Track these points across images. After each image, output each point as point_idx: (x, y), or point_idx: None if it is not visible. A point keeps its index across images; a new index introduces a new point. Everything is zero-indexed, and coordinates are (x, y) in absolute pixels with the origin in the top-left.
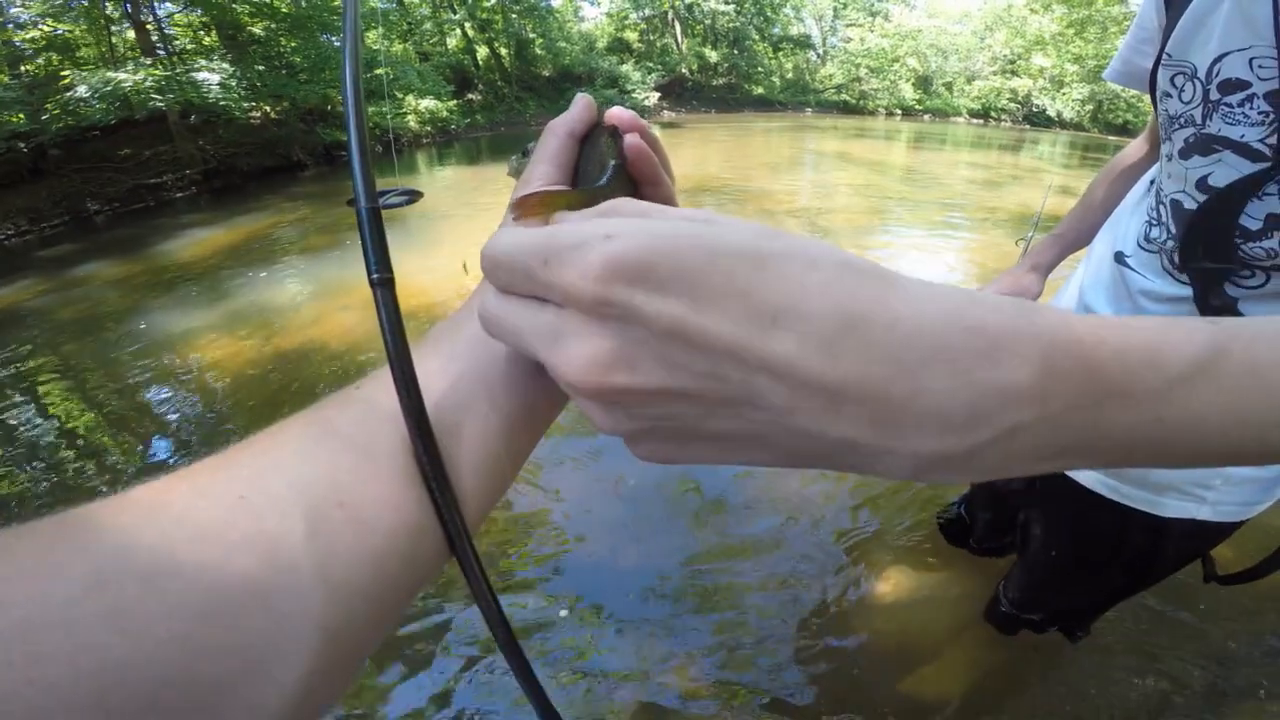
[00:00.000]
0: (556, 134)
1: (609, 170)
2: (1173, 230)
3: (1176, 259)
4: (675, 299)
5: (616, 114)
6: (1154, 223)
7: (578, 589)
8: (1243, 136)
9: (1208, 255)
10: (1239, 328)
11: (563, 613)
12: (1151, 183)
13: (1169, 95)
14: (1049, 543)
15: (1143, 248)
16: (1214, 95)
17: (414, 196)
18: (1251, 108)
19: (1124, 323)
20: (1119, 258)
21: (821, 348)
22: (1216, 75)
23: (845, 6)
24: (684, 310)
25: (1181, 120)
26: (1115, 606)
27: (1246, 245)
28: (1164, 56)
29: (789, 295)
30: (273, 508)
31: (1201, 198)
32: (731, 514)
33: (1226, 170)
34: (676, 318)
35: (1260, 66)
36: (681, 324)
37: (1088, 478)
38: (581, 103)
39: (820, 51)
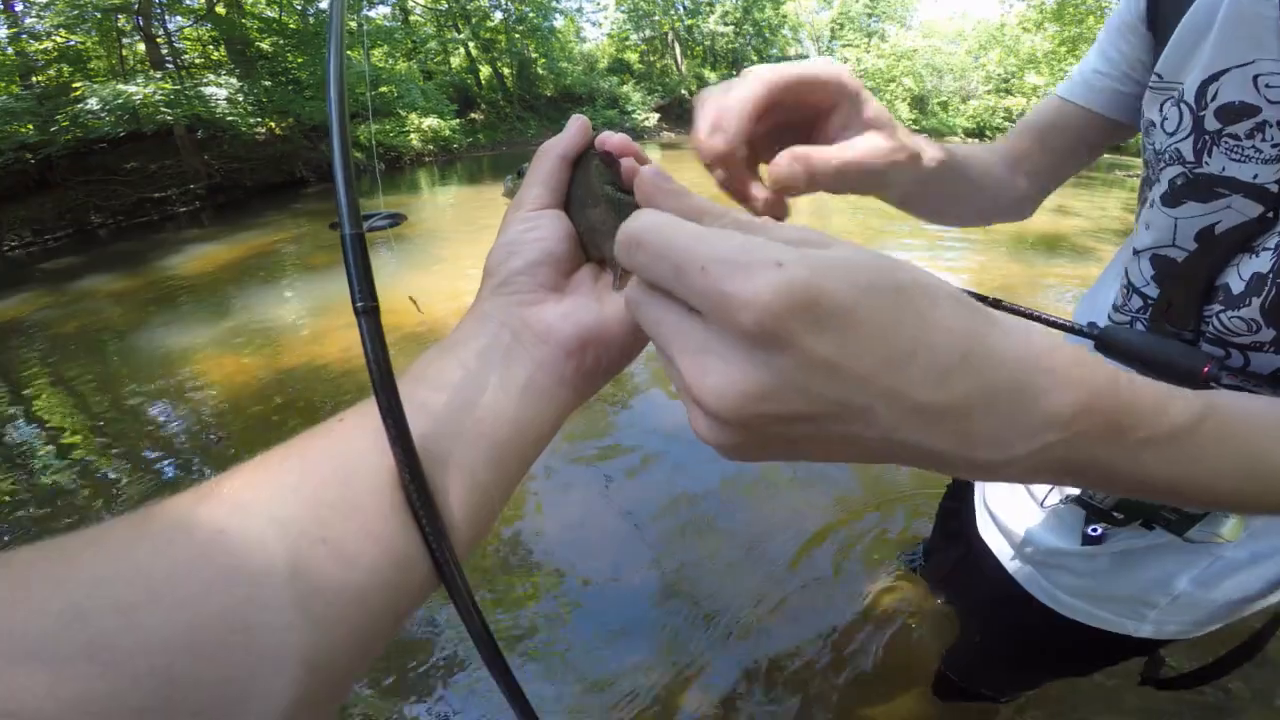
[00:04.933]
0: (549, 156)
1: (606, 196)
2: (1149, 295)
3: (1146, 326)
4: (830, 334)
5: (605, 139)
6: (1129, 287)
7: (573, 604)
8: (1256, 177)
9: (1171, 319)
10: (1223, 401)
11: (557, 631)
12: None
13: (1154, 125)
14: (974, 628)
15: (1112, 319)
16: (1211, 124)
17: (397, 220)
18: (1264, 139)
19: (1142, 383)
20: (1091, 327)
21: (938, 379)
22: (1212, 99)
23: (842, 28)
24: (836, 345)
25: (1168, 156)
26: None
27: (1225, 314)
28: (1153, 78)
29: (919, 330)
30: (253, 540)
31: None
32: (731, 526)
33: (1236, 219)
34: (829, 353)
35: (1269, 86)
36: (831, 359)
37: (1024, 576)
38: (575, 126)
39: None
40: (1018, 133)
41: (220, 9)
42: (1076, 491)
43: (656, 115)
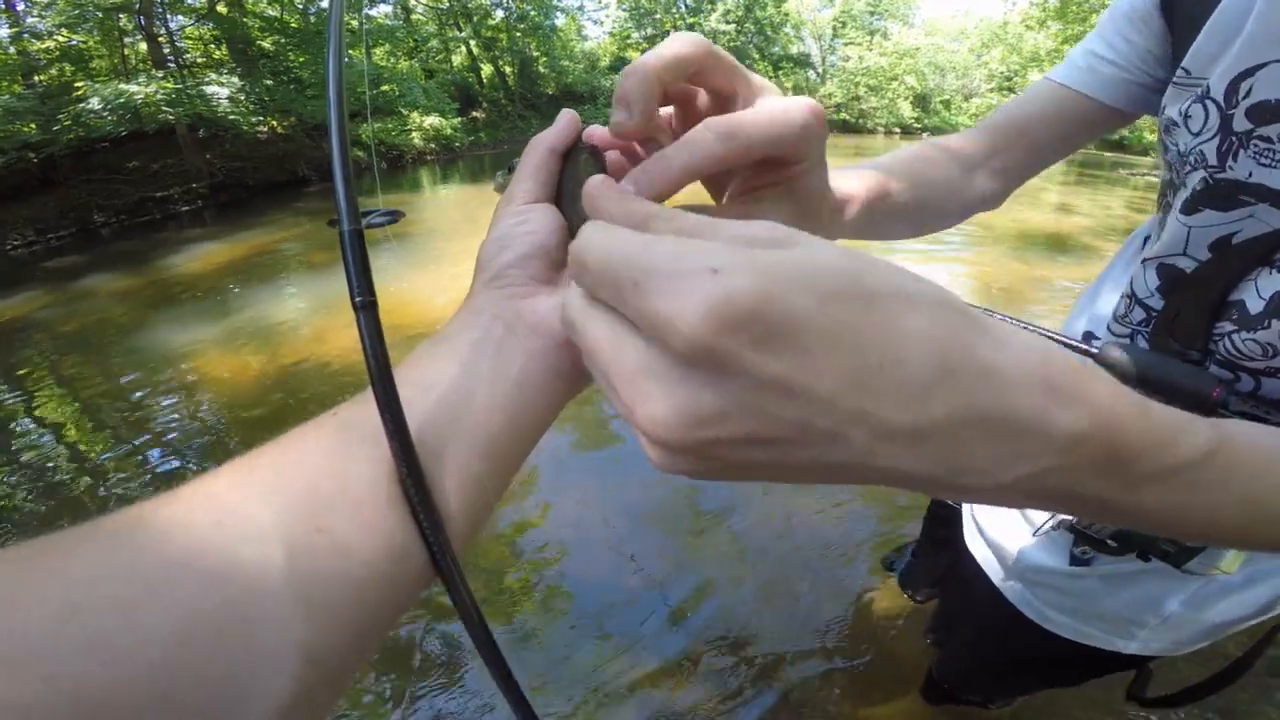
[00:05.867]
0: (538, 150)
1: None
2: (1153, 307)
3: (1147, 341)
4: (781, 352)
5: (592, 132)
6: (1131, 298)
7: (574, 607)
8: None
9: (1176, 336)
10: (1233, 433)
11: (558, 631)
12: (1146, 241)
13: (1176, 125)
14: (964, 637)
15: (1112, 330)
16: (1240, 124)
17: (395, 216)
18: None
19: (1151, 408)
20: (1087, 339)
21: (915, 397)
22: (1244, 96)
23: (844, 25)
24: (790, 365)
25: (1192, 159)
26: None
27: (1239, 335)
28: (1179, 73)
29: (891, 343)
30: (250, 535)
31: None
32: (734, 530)
33: (1259, 229)
34: (781, 373)
35: None
36: (785, 379)
37: (1010, 591)
38: (564, 119)
39: (820, 70)
40: (987, 130)
41: (221, 8)
42: (1070, 518)
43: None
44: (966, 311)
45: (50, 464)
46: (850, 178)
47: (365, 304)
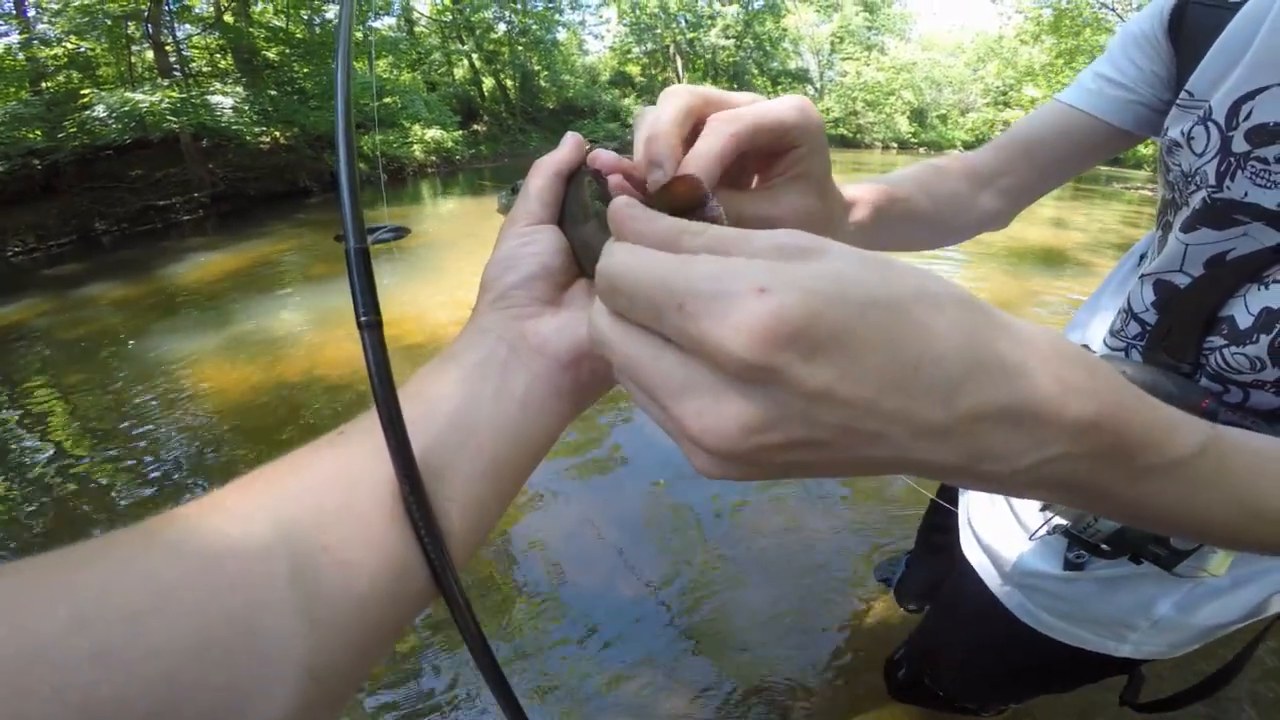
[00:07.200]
0: (543, 173)
1: (597, 212)
2: (1147, 322)
3: (1141, 355)
4: (828, 362)
5: (597, 156)
6: (1128, 312)
7: (572, 621)
8: None
9: (1168, 350)
10: (1225, 432)
11: (557, 646)
12: (1142, 258)
13: (1179, 145)
14: (959, 643)
15: (1108, 344)
16: (1239, 146)
17: (401, 234)
18: None
19: (1152, 404)
20: None
21: (948, 393)
22: (1245, 118)
23: (842, 41)
24: (835, 373)
25: (1197, 180)
26: None
27: (1228, 350)
28: (1183, 95)
29: (923, 343)
30: (257, 550)
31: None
32: (730, 541)
33: (1252, 246)
34: (829, 382)
35: None
36: (832, 387)
37: (1006, 596)
38: (570, 142)
39: (818, 86)
40: (997, 148)
41: (228, 18)
42: (1066, 523)
43: None
44: (985, 309)
45: (46, 473)
46: (858, 186)
47: (370, 323)
